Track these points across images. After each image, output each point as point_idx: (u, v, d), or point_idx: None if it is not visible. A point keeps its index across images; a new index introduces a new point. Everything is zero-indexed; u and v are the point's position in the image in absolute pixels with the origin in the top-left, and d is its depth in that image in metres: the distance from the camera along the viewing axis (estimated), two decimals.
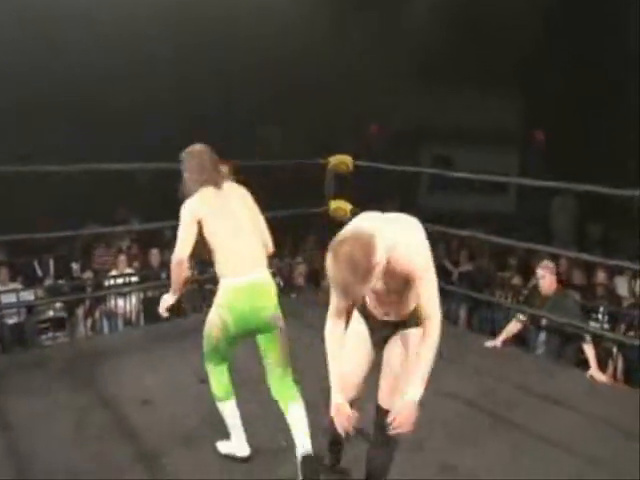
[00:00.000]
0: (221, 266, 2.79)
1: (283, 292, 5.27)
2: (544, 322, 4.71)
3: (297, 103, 9.74)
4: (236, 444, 3.01)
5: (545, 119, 10.91)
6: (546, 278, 4.63)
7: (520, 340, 4.99)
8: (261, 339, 2.86)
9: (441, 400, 3.55)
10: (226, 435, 3.02)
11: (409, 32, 9.83)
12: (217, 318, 2.79)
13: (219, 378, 2.93)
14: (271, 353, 2.85)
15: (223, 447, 3.06)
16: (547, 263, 4.72)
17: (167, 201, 3.18)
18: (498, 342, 4.66)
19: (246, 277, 2.75)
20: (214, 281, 3.01)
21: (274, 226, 3.11)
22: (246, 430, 2.99)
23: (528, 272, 6.68)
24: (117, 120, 8.87)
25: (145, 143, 8.07)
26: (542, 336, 4.74)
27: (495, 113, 11.74)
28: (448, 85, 11.18)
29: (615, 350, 5.20)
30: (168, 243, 7.83)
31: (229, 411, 2.96)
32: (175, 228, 2.81)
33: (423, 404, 2.12)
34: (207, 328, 2.86)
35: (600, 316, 5.37)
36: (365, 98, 10.24)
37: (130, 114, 8.78)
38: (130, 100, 8.72)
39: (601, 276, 6.55)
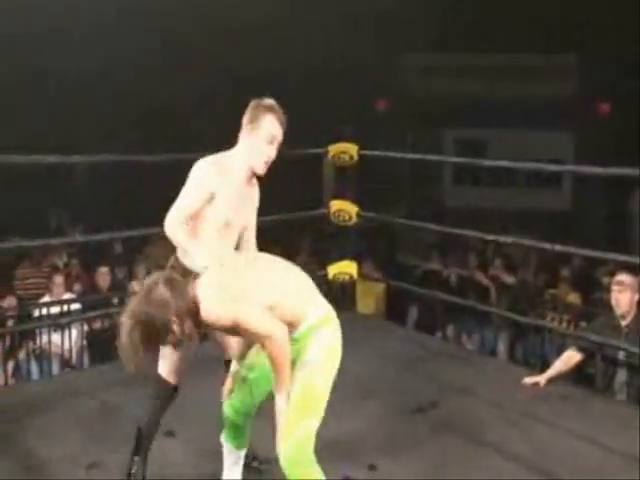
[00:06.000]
0: None
1: None
2: (622, 356, 4.61)
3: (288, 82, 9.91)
4: None
5: (609, 89, 10.81)
6: (622, 297, 4.56)
7: (585, 378, 4.94)
8: None
9: (485, 456, 3.55)
10: None
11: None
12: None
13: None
14: None
15: None
16: (623, 277, 4.62)
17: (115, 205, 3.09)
18: (542, 379, 4.50)
19: None
20: None
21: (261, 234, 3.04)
22: None
23: (588, 287, 6.63)
24: None
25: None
26: (622, 375, 4.63)
27: (541, 83, 11.68)
28: (474, 52, 11.20)
29: None
30: (119, 259, 7.71)
31: None
32: (130, 239, 2.72)
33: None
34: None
35: None
36: (371, 74, 10.37)
37: None
38: None
39: None
